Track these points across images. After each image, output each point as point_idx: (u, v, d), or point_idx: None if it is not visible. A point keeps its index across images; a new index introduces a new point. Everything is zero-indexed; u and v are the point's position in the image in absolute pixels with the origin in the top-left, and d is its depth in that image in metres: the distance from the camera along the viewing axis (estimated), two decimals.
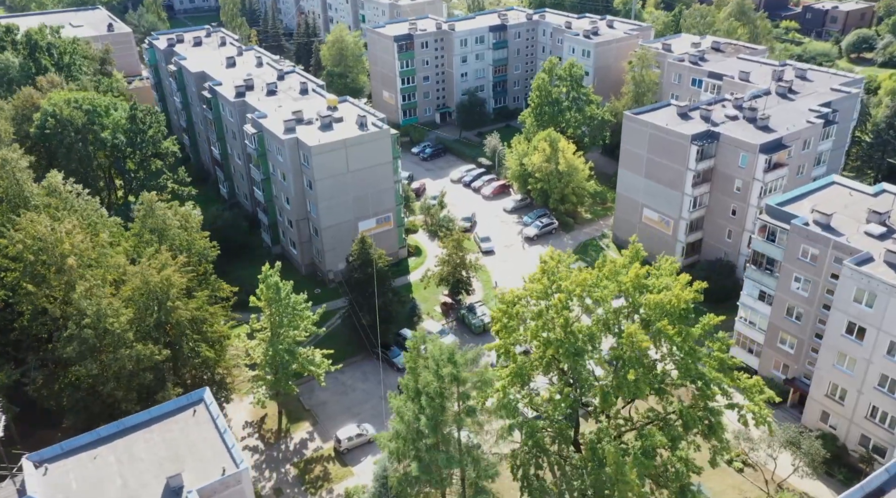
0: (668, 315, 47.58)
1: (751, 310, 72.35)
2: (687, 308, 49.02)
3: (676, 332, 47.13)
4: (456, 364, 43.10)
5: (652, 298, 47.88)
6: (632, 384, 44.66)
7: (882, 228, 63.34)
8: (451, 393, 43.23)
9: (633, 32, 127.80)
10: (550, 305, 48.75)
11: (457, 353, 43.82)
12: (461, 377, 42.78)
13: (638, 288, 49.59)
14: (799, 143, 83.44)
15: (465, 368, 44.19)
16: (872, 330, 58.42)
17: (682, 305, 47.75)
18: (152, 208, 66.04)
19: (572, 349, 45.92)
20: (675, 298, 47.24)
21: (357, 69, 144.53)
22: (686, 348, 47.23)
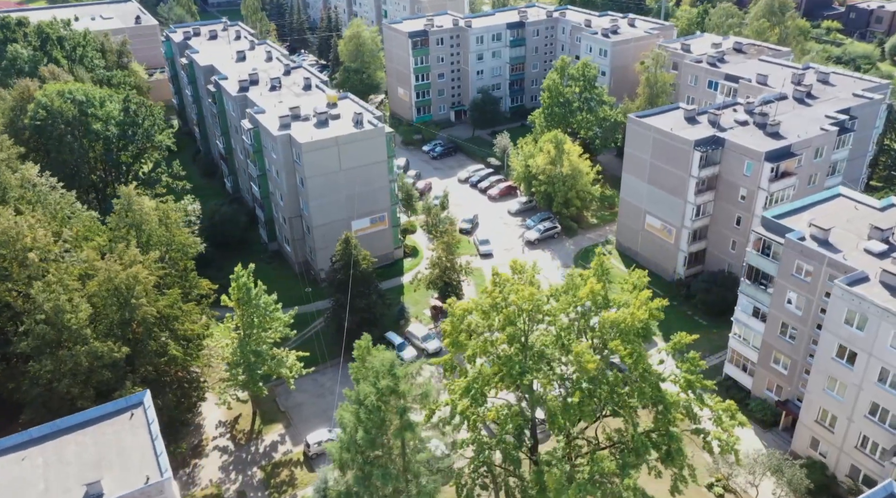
0: (624, 334, 44.90)
1: (745, 326, 68.89)
2: (646, 327, 46.27)
3: (628, 353, 44.44)
4: (395, 376, 41.31)
5: (607, 316, 45.28)
6: (575, 407, 42.22)
7: (883, 246, 59.37)
8: (391, 406, 41.45)
9: (654, 31, 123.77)
10: (498, 320, 46.46)
11: (397, 365, 41.98)
12: (399, 390, 40.97)
13: (596, 304, 46.93)
14: (810, 152, 79.28)
15: (405, 381, 42.35)
16: (863, 355, 54.76)
17: (637, 324, 45.00)
18: (130, 203, 65.56)
19: (516, 368, 43.64)
20: (630, 316, 44.52)
21: (374, 65, 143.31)
22: (640, 370, 44.52)
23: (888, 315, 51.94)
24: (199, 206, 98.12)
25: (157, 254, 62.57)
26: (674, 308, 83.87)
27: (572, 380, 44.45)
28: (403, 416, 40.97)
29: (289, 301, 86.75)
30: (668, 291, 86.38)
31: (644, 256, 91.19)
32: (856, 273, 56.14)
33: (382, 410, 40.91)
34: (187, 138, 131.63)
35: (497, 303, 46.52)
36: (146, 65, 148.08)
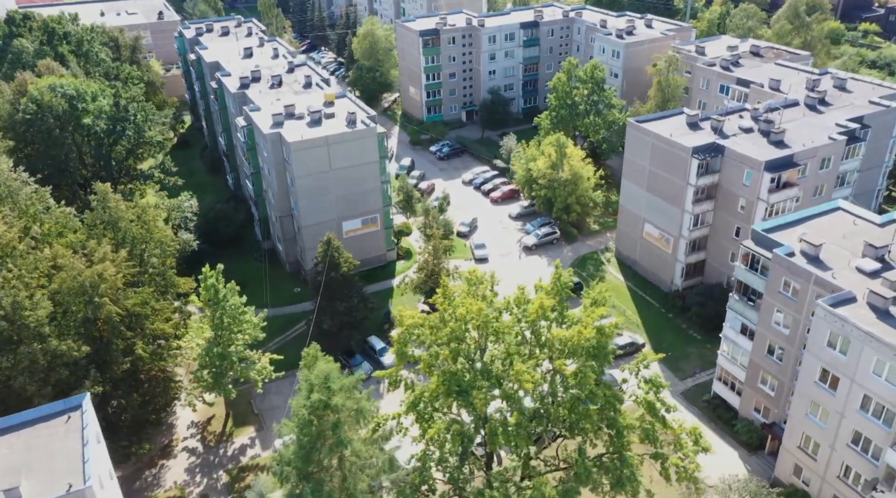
0: (573, 353, 42.69)
1: (733, 343, 65.89)
2: (598, 346, 43.93)
3: (572, 373, 42.23)
4: (329, 390, 39.84)
5: (556, 333, 43.10)
6: (512, 428, 40.23)
7: (875, 265, 55.95)
8: (324, 421, 40.01)
9: (670, 33, 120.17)
10: (442, 334, 44.56)
11: (333, 377, 40.49)
12: (332, 404, 39.48)
13: (547, 320, 44.77)
14: (815, 162, 75.66)
15: (344, 395, 40.87)
16: (846, 380, 51.62)
17: (585, 343, 42.72)
18: (106, 200, 65.28)
19: (457, 385, 41.77)
20: (577, 334, 42.29)
21: (388, 64, 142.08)
22: (586, 391, 42.26)
23: (870, 340, 48.79)
24: (195, 203, 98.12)
25: (126, 252, 61.96)
26: (668, 321, 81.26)
27: (515, 399, 42.41)
28: (335, 431, 39.46)
29: (278, 301, 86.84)
30: (664, 302, 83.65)
31: (643, 265, 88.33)
32: (842, 293, 52.97)
33: (315, 424, 39.47)
34: (198, 134, 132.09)
35: (444, 317, 44.66)
36: (163, 61, 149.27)
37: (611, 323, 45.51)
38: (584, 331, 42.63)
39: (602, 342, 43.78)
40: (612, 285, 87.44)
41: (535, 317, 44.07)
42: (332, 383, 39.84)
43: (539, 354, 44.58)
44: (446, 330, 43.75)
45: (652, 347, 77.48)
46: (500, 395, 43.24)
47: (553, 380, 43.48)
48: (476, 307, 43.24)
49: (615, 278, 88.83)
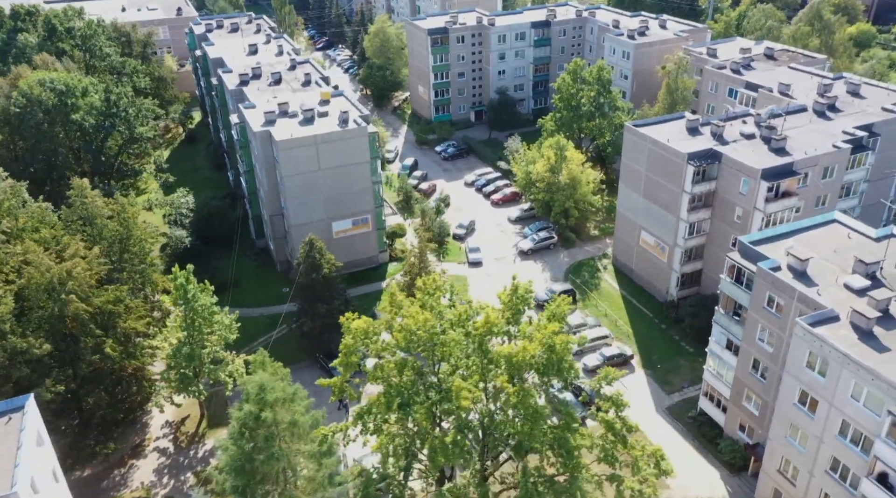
0: (518, 370, 40.83)
1: (718, 359, 63.30)
2: (548, 363, 41.94)
3: (513, 392, 40.36)
4: (263, 401, 38.61)
5: (500, 349, 41.25)
6: (449, 446, 38.55)
7: (864, 282, 53.04)
8: (257, 434, 38.81)
9: (684, 34, 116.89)
10: (386, 344, 42.96)
11: (269, 388, 39.24)
12: (262, 417, 38.25)
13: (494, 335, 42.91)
14: (816, 171, 72.49)
15: (280, 407, 39.60)
16: (824, 404, 48.98)
17: (531, 360, 40.78)
18: (83, 195, 65.02)
19: (399, 397, 40.21)
20: (522, 350, 40.39)
21: (399, 62, 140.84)
22: (528, 410, 40.35)
23: (848, 362, 46.11)
24: (192, 199, 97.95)
25: (99, 249, 61.60)
26: (661, 332, 78.74)
27: (458, 415, 40.70)
28: (268, 444, 38.21)
29: (267, 300, 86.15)
30: (659, 312, 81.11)
31: (639, 273, 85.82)
32: (824, 312, 50.27)
33: (246, 437, 38.30)
34: (206, 130, 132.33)
35: (390, 326, 43.10)
36: (178, 57, 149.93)
37: (563, 338, 43.38)
38: (529, 347, 40.69)
39: (554, 359, 41.75)
40: (607, 294, 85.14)
41: (483, 331, 42.26)
42: (266, 395, 38.59)
43: (487, 370, 42.75)
44: (391, 340, 42.18)
45: (641, 359, 75.15)
46: (442, 411, 41.57)
47: (497, 397, 41.64)
48: (422, 318, 41.61)
49: (610, 286, 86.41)
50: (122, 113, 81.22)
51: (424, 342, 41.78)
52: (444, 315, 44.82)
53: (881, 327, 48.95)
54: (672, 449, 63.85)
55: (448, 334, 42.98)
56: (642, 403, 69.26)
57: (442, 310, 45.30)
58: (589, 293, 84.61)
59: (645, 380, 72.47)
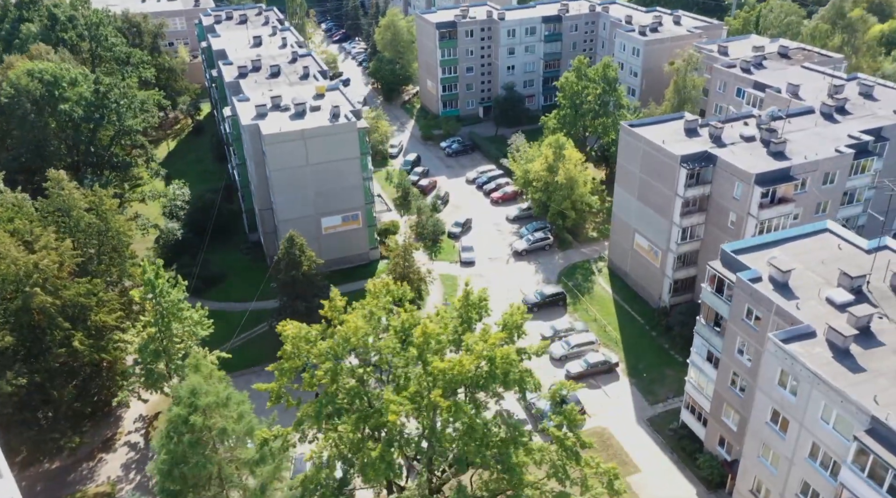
0: (453, 384, 39.13)
1: (699, 371, 60.89)
2: (491, 376, 40.12)
3: (447, 406, 38.67)
4: (193, 405, 37.62)
5: (436, 364, 39.56)
6: (375, 461, 37.07)
7: (847, 297, 50.21)
8: (183, 439, 37.81)
9: (697, 31, 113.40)
10: (319, 352, 41.51)
11: (201, 392, 38.20)
12: (191, 421, 37.25)
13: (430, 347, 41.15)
14: (816, 176, 69.32)
15: (213, 411, 38.57)
16: (795, 424, 46.49)
17: (465, 374, 39.02)
18: (59, 187, 64.82)
19: (327, 408, 38.85)
20: (458, 365, 38.65)
21: (409, 56, 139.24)
22: (464, 425, 38.65)
23: (818, 382, 43.59)
24: (187, 191, 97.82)
25: (71, 241, 61.33)
26: (651, 339, 76.34)
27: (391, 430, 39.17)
28: (194, 449, 37.21)
29: (253, 296, 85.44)
30: (650, 319, 78.62)
31: (633, 278, 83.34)
32: (799, 327, 47.70)
33: (174, 441, 37.35)
34: (213, 121, 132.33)
35: (324, 332, 41.69)
36: (192, 47, 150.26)
37: (504, 350, 41.35)
38: (465, 361, 38.89)
39: (497, 372, 39.88)
40: (599, 298, 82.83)
41: (421, 341, 40.62)
42: (197, 399, 37.57)
43: (427, 382, 41.06)
44: (324, 346, 40.81)
45: (627, 366, 72.90)
46: (371, 424, 40.00)
47: (433, 412, 39.94)
48: (354, 326, 40.12)
49: (603, 290, 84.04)
50: (112, 104, 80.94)
51: (358, 350, 40.34)
52: (384, 322, 43.33)
53: (859, 346, 46.27)
54: (650, 461, 61.94)
55: (383, 343, 41.46)
56: (623, 413, 67.14)
57: (382, 317, 43.76)
58: (580, 297, 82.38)
59: (629, 388, 70.24)
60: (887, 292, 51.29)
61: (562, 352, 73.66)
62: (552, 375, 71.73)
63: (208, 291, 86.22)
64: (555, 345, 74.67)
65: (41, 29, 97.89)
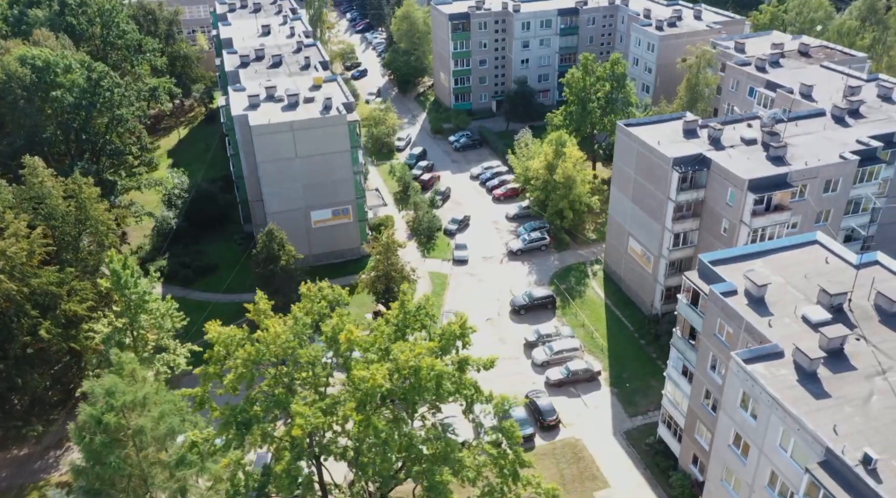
0: (369, 396, 37.38)
1: (675, 385, 58.17)
2: (412, 388, 38.28)
3: (360, 420, 36.95)
4: (109, 405, 36.74)
5: (355, 373, 37.87)
6: (281, 475, 35.59)
7: (824, 315, 47.03)
8: (95, 439, 36.92)
9: (717, 26, 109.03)
10: (237, 357, 40.09)
11: (119, 391, 37.28)
12: (105, 421, 36.34)
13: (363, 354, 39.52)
14: (816, 184, 65.61)
15: (132, 411, 37.64)
16: (755, 449, 43.80)
17: (378, 387, 37.21)
18: (34, 174, 64.80)
19: (240, 414, 37.49)
20: (371, 377, 36.86)
21: (425, 47, 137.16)
22: (377, 439, 36.91)
23: (776, 407, 40.81)
24: (186, 180, 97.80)
25: (41, 229, 61.27)
26: (639, 348, 73.57)
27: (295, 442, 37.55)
28: (106, 450, 36.34)
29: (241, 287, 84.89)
30: (640, 327, 75.77)
31: (627, 283, 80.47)
32: (766, 346, 44.87)
33: (86, 441, 36.53)
34: None
35: (240, 339, 40.10)
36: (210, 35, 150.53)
37: (429, 361, 39.39)
38: (378, 372, 37.06)
39: (423, 383, 38.01)
40: (590, 302, 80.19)
41: (345, 349, 38.99)
42: (113, 399, 36.66)
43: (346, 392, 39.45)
44: (242, 353, 39.46)
45: (610, 376, 70.30)
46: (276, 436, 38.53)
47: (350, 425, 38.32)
48: (274, 332, 38.64)
49: (596, 295, 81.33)
50: (105, 92, 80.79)
51: (279, 358, 38.96)
52: (308, 329, 41.80)
53: (828, 369, 43.30)
54: (621, 477, 59.60)
55: (303, 351, 39.90)
56: (600, 424, 64.72)
57: (306, 321, 42.23)
58: (571, 301, 79.84)
59: (609, 399, 67.70)
60: (870, 312, 48.01)
61: (544, 357, 71.43)
62: (531, 382, 69.79)
63: (198, 281, 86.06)
64: (537, 350, 72.52)
65: (50, 14, 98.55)
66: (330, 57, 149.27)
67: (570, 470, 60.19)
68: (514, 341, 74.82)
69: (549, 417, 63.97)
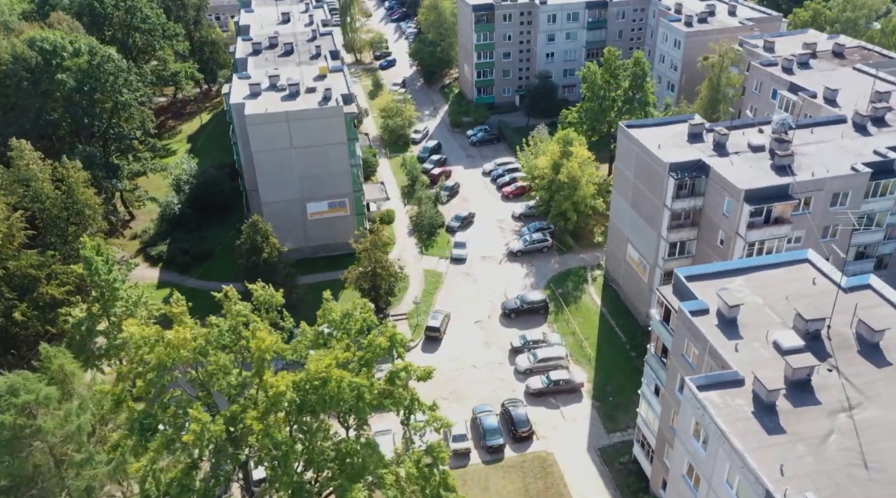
0: (274, 406, 35.73)
1: (648, 405, 55.14)
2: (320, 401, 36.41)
3: (260, 430, 35.33)
4: (13, 406, 36.05)
5: (268, 379, 36.26)
6: (171, 483, 34.31)
7: (796, 342, 43.41)
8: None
9: (750, 23, 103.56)
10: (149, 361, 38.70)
11: (20, 390, 36.48)
12: (4, 422, 35.67)
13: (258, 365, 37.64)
14: (822, 197, 61.26)
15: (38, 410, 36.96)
16: (705, 483, 40.77)
17: (281, 397, 35.49)
18: (21, 156, 65.35)
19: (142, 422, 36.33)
20: (273, 388, 35.20)
21: (452, 38, 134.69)
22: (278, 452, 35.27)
23: (723, 440, 37.76)
24: (194, 166, 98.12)
25: (21, 213, 61.75)
26: (629, 361, 70.41)
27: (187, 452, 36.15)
28: (6, 448, 35.70)
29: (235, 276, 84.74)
30: (633, 338, 72.49)
31: (625, 291, 77.16)
32: (726, 373, 41.70)
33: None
34: None
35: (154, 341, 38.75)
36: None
37: (338, 373, 37.38)
38: (279, 381, 35.34)
39: (332, 395, 36.22)
40: (585, 309, 77.14)
41: (257, 355, 37.46)
42: (15, 397, 35.94)
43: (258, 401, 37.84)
44: (153, 356, 38.21)
45: (594, 388, 67.43)
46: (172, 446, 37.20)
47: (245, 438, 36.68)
48: (180, 338, 37.26)
49: (592, 302, 78.19)
50: (106, 76, 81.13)
51: (189, 362, 37.74)
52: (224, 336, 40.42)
53: (789, 402, 39.91)
54: (588, 496, 56.92)
55: (213, 357, 38.45)
56: (576, 438, 62.05)
57: (221, 324, 40.89)
58: (565, 307, 76.95)
59: (589, 412, 64.91)
60: (850, 340, 44.17)
61: (527, 365, 68.95)
62: (512, 390, 67.49)
63: (194, 268, 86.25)
64: (521, 356, 70.06)
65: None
66: (359, 45, 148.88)
67: (536, 485, 57.83)
68: (499, 346, 72.49)
69: (521, 427, 61.63)
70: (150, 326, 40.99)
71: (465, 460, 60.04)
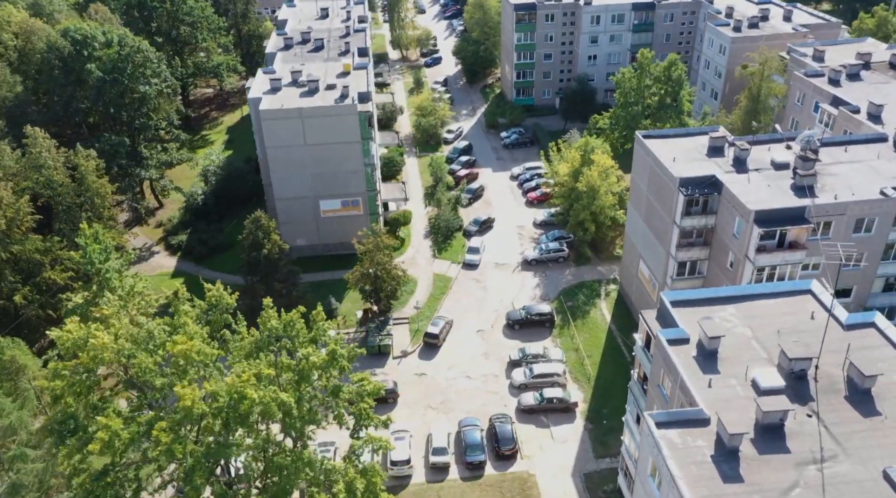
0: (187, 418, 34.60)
1: (630, 433, 52.09)
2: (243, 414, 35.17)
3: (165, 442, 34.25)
4: None
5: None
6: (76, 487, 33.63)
7: (776, 382, 40.00)
8: None
9: (804, 30, 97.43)
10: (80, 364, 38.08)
11: None
12: None
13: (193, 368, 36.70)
14: (845, 222, 56.66)
15: None
16: None
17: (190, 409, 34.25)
18: (35, 144, 66.86)
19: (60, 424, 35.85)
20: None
21: (496, 38, 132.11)
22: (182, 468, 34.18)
23: (673, 486, 34.90)
24: (221, 157, 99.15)
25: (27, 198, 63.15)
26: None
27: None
28: None
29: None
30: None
31: (637, 308, 73.36)
32: (689, 411, 38.74)
33: None
34: None
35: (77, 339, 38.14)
36: None
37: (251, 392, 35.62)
38: (188, 395, 34.11)
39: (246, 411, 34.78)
40: (592, 325, 74.02)
41: (184, 363, 36.45)
42: None
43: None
44: (83, 358, 37.71)
45: (589, 409, 64.50)
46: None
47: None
48: (101, 341, 36.56)
49: (601, 317, 74.97)
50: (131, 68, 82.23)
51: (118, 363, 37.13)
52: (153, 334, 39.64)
53: (755, 448, 36.66)
54: None
55: (137, 361, 37.69)
56: (562, 461, 59.41)
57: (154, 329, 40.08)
58: (572, 321, 74.02)
59: (580, 434, 62.09)
60: (838, 384, 40.41)
61: (522, 380, 66.56)
62: (503, 405, 65.26)
63: (209, 259, 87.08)
64: (517, 371, 67.71)
65: None
66: (406, 42, 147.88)
67: None
68: (498, 358, 70.30)
69: (505, 446, 59.44)
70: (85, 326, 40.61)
71: (444, 475, 58.31)
